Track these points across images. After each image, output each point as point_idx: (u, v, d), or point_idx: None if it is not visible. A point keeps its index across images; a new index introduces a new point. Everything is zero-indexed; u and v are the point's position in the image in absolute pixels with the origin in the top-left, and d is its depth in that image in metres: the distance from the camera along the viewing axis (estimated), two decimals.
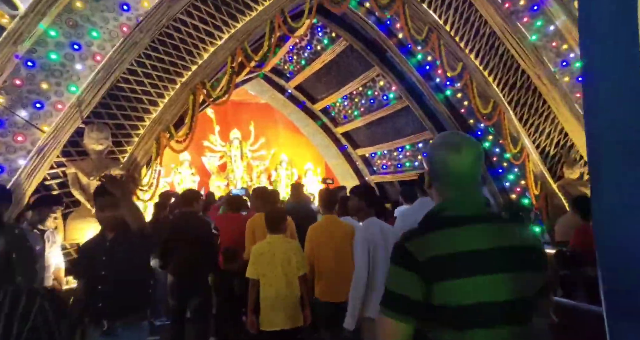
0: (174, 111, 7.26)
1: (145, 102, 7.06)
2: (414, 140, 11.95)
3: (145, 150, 7.09)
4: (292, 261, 4.53)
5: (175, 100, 7.24)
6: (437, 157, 1.72)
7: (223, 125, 16.81)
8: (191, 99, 7.34)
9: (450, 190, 1.70)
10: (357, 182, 14.98)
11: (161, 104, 7.16)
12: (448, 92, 9.83)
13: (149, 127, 7.09)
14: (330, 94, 13.32)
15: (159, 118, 7.14)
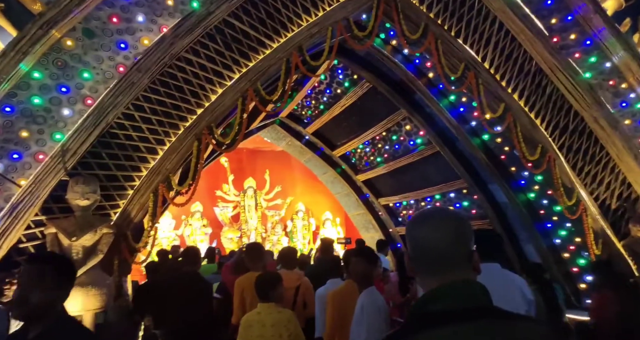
0: (176, 160, 6.30)
1: (142, 150, 6.12)
2: (445, 189, 10.87)
3: (141, 204, 6.10)
4: (284, 336, 4.02)
5: (178, 148, 6.30)
6: (412, 236, 1.52)
7: (237, 173, 16.16)
8: (196, 145, 6.39)
9: (432, 277, 1.45)
10: (380, 234, 13.91)
11: (161, 151, 6.22)
12: (486, 136, 8.80)
13: (145, 178, 6.12)
14: (351, 140, 12.38)
15: (157, 167, 6.18)
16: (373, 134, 11.59)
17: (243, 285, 5.05)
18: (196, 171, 6.43)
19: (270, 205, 16.55)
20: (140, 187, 6.08)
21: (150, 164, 6.17)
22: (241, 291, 5.04)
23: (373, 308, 3.80)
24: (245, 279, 5.06)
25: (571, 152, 7.35)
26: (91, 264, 5.26)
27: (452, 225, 1.48)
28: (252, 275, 4.84)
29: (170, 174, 6.26)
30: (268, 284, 4.22)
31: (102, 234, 5.44)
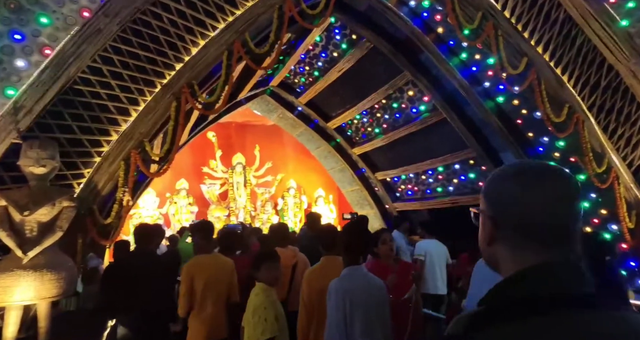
0: (151, 122, 5.39)
1: (112, 111, 5.19)
2: (450, 160, 10.04)
3: (111, 174, 5.18)
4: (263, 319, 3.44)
5: (153, 109, 5.38)
6: (512, 196, 1.11)
7: (225, 149, 15.17)
8: (174, 106, 5.45)
9: (535, 251, 1.10)
10: (376, 211, 13.12)
11: (134, 113, 5.29)
12: (500, 98, 7.92)
13: (116, 143, 5.20)
14: (347, 110, 11.47)
15: (130, 131, 5.27)
16: (372, 102, 10.68)
17: (192, 272, 4.39)
18: (175, 136, 5.50)
19: (260, 183, 15.64)
20: (110, 154, 5.19)
21: (122, 127, 5.26)
22: (190, 279, 4.36)
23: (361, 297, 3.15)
24: (195, 265, 4.44)
25: (602, 112, 6.53)
26: (48, 242, 4.35)
27: (576, 187, 1.12)
28: (203, 259, 4.46)
29: (144, 139, 5.33)
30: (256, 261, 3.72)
31: (61, 207, 4.51)
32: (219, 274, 4.41)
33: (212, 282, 4.32)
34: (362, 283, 3.22)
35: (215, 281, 4.35)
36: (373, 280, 3.31)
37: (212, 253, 4.64)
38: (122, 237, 12.50)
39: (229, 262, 4.57)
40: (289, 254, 5.03)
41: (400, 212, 12.54)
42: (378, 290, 3.26)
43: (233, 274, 4.51)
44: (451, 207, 10.56)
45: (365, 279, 3.27)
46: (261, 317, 3.40)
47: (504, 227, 1.15)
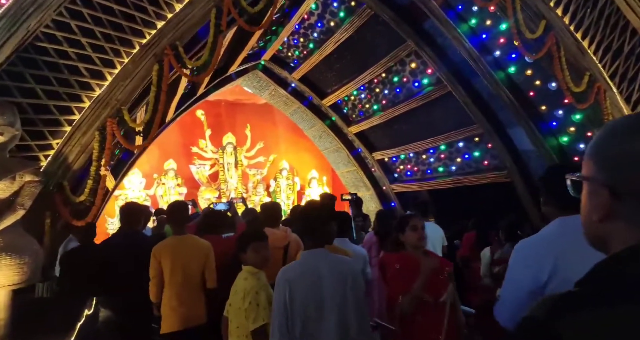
0: (130, 88, 4.77)
1: (83, 74, 4.55)
2: (453, 138, 9.48)
3: (83, 145, 4.56)
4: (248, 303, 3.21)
5: (132, 72, 4.76)
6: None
7: (215, 128, 14.57)
8: (156, 70, 4.81)
9: None
10: (372, 193, 12.59)
11: (109, 76, 4.67)
12: (512, 68, 7.34)
13: (89, 110, 4.57)
14: (344, 85, 10.85)
15: (105, 97, 4.65)
16: (370, 76, 10.06)
17: (159, 255, 4.15)
18: (157, 104, 4.87)
19: (252, 163, 15.04)
20: (82, 122, 4.55)
21: (96, 93, 4.64)
22: (157, 262, 4.14)
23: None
24: (162, 247, 4.20)
25: (625, 81, 6.00)
26: (7, 222, 3.77)
27: None
28: (171, 240, 4.24)
29: (122, 107, 4.71)
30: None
31: (23, 182, 3.91)
32: (188, 256, 4.14)
33: (179, 266, 4.08)
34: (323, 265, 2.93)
35: (184, 265, 4.10)
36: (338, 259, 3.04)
37: (184, 234, 4.31)
38: (107, 219, 12.10)
39: (203, 244, 4.29)
40: (281, 234, 4.76)
41: (398, 193, 12.04)
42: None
43: (208, 257, 4.23)
44: (453, 187, 10.03)
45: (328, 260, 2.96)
46: (252, 302, 3.13)
47: (627, 197, 0.94)
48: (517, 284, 2.20)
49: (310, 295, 2.83)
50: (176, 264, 4.09)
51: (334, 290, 2.86)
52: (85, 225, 4.75)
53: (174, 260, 4.09)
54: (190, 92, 9.85)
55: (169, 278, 4.08)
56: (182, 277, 4.09)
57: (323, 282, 2.87)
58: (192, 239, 4.32)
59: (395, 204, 12.18)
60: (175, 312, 4.04)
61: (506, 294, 2.26)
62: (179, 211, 4.42)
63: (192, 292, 4.11)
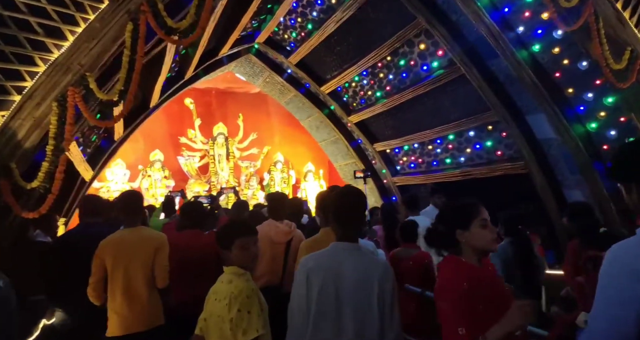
0: (97, 50, 3.92)
1: (36, 31, 3.71)
2: (463, 126, 8.71)
3: (37, 118, 3.74)
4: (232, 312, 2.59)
5: (99, 31, 3.90)
6: None
7: (205, 117, 13.88)
8: (130, 29, 3.99)
9: None
10: (372, 185, 11.83)
11: (70, 35, 3.82)
12: (536, 46, 6.56)
13: (44, 77, 3.74)
14: (345, 70, 10.06)
15: (65, 61, 3.82)
16: (374, 59, 9.27)
17: (101, 251, 3.69)
18: (131, 71, 4.04)
19: (244, 156, 14.31)
20: (35, 91, 3.72)
21: (53, 55, 3.81)
22: (99, 258, 3.68)
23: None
24: (106, 242, 3.73)
25: None
26: None
27: None
28: (116, 234, 3.78)
29: (87, 74, 3.88)
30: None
31: None
32: (133, 251, 3.68)
33: (122, 263, 3.63)
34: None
35: (128, 261, 3.65)
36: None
37: (134, 227, 3.83)
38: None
39: (154, 236, 3.84)
40: (284, 229, 4.44)
41: (400, 186, 11.28)
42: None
43: (159, 252, 3.76)
44: (462, 180, 9.26)
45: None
46: (242, 310, 2.56)
47: None
48: (622, 308, 1.46)
49: (326, 291, 2.43)
50: (118, 260, 3.63)
51: (355, 293, 2.42)
52: (40, 218, 3.98)
53: (116, 257, 3.63)
54: (177, 75, 9.04)
55: (111, 277, 3.64)
56: (124, 275, 3.63)
57: (344, 280, 2.45)
58: (140, 231, 3.82)
59: (397, 198, 11.44)
60: (117, 315, 3.61)
61: (602, 324, 1.54)
62: (129, 201, 3.91)
63: (137, 292, 3.64)
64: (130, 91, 4.03)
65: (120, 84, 3.97)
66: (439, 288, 2.15)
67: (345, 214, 2.63)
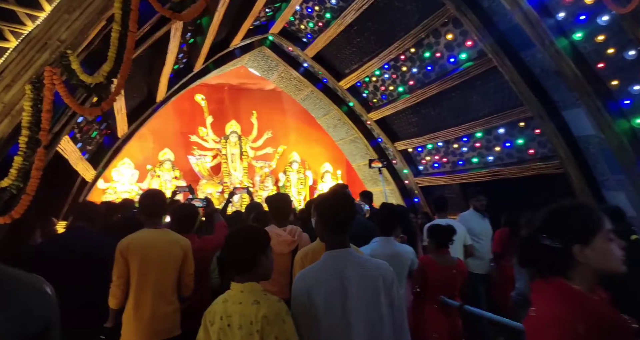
0: (80, 24, 3.36)
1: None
2: (494, 123, 8.04)
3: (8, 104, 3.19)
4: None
5: (83, 2, 3.34)
6: None
7: (217, 115, 13.34)
8: (120, 0, 3.42)
9: None
10: (393, 187, 11.31)
11: (48, 6, 3.25)
12: (578, 34, 5.89)
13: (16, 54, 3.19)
14: (365, 63, 9.45)
15: (42, 35, 3.25)
16: (397, 51, 8.64)
17: (126, 251, 3.40)
18: (122, 49, 3.47)
19: (259, 155, 13.73)
20: (4, 70, 3.16)
21: (27, 28, 3.25)
22: (124, 259, 3.39)
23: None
24: (130, 241, 3.44)
25: None
26: None
27: None
28: (142, 234, 3.50)
29: (68, 51, 3.32)
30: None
31: None
32: (163, 255, 3.44)
33: (152, 267, 3.38)
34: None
35: (158, 265, 3.40)
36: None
37: (159, 228, 3.59)
38: None
39: (182, 241, 3.59)
40: (286, 238, 4.02)
41: (423, 188, 10.64)
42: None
43: (187, 258, 3.55)
44: (490, 180, 8.60)
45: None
46: (280, 338, 2.19)
47: None
48: None
49: (332, 306, 2.27)
50: (147, 263, 3.37)
51: (362, 303, 2.29)
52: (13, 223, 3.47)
53: (145, 259, 3.37)
54: (186, 67, 8.52)
55: (137, 281, 3.36)
56: (154, 281, 3.39)
57: (349, 291, 2.29)
58: (169, 234, 3.59)
59: (419, 200, 10.82)
60: (140, 323, 3.32)
61: None
62: (152, 200, 3.64)
63: (164, 299, 3.42)
64: (121, 73, 3.46)
65: (108, 64, 3.41)
66: (537, 323, 1.52)
67: (332, 220, 2.45)
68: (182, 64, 8.25)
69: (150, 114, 8.50)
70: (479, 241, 6.28)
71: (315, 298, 2.29)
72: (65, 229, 4.04)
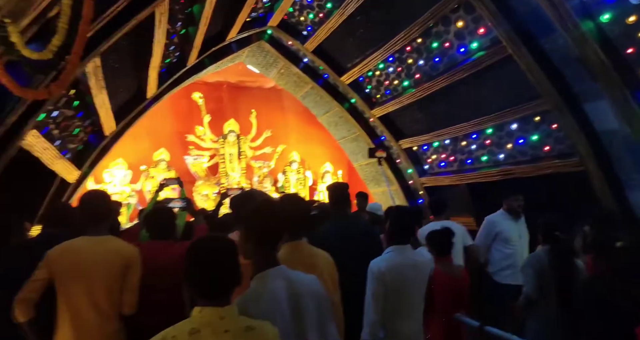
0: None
1: None
2: (507, 118, 7.54)
3: None
4: None
5: None
6: None
7: (215, 114, 12.96)
8: None
9: None
10: (397, 187, 10.86)
11: None
12: (605, 16, 5.39)
13: None
14: (368, 56, 8.97)
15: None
16: (403, 42, 8.14)
17: (53, 261, 2.98)
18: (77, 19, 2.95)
19: (257, 155, 13.37)
20: None
21: None
22: (48, 270, 2.96)
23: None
24: (62, 251, 3.03)
25: None
26: None
27: None
28: (74, 242, 3.07)
29: (6, 20, 2.81)
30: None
31: None
32: (95, 267, 2.99)
33: (79, 279, 2.95)
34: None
35: (87, 278, 2.97)
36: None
37: (101, 235, 3.17)
38: None
39: (124, 249, 3.18)
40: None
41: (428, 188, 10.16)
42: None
43: (130, 270, 3.11)
44: (502, 180, 8.10)
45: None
46: None
47: None
48: None
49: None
50: (74, 276, 2.94)
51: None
52: None
53: (71, 271, 2.94)
54: (179, 62, 8.03)
55: (65, 296, 2.95)
56: (87, 297, 2.95)
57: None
58: (109, 242, 3.16)
59: (424, 201, 10.34)
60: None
61: None
62: (93, 202, 3.23)
63: (102, 316, 2.99)
64: (74, 50, 2.94)
65: (58, 38, 2.88)
66: None
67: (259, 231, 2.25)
68: (174, 58, 7.77)
69: (142, 112, 8.01)
70: (511, 247, 5.85)
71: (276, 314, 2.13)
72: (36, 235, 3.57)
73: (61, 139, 5.49)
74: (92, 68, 4.72)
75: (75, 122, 5.76)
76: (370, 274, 3.18)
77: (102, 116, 6.01)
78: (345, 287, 3.24)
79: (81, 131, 6.19)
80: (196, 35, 6.92)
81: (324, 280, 2.87)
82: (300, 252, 2.88)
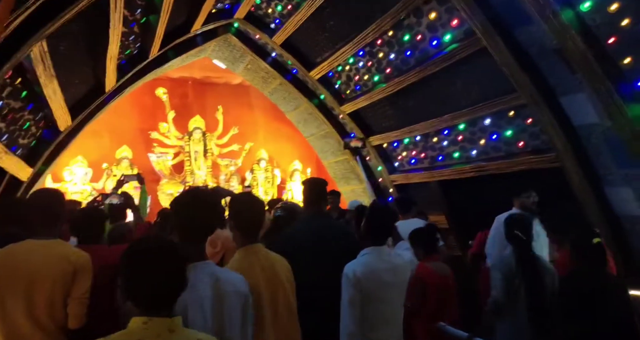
0: None
1: None
2: (480, 112, 7.37)
3: None
4: None
5: None
6: None
7: (180, 110, 12.56)
8: None
9: None
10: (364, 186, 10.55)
11: None
12: (586, 4, 5.23)
13: None
14: (338, 50, 8.71)
15: None
16: (373, 35, 7.91)
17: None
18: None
19: (224, 153, 13.05)
20: None
21: None
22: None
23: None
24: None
25: None
26: None
27: None
28: (21, 247, 2.75)
29: None
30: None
31: None
32: (39, 273, 2.69)
33: (22, 289, 2.65)
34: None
35: (23, 287, 2.66)
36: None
37: (48, 239, 2.84)
38: None
39: (72, 255, 2.86)
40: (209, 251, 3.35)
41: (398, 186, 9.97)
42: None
43: (77, 278, 2.80)
44: (475, 176, 7.95)
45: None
46: None
47: None
48: None
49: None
50: (9, 286, 2.63)
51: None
52: None
53: (12, 279, 2.64)
54: (140, 53, 7.62)
55: (4, 306, 2.63)
56: (26, 309, 2.63)
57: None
58: (56, 247, 2.84)
59: (393, 199, 10.14)
60: None
61: None
62: (42, 202, 2.94)
63: (42, 331, 2.68)
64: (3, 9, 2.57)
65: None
66: None
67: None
68: (135, 49, 7.36)
69: (101, 106, 7.57)
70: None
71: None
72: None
73: (8, 133, 5.05)
74: (38, 52, 4.34)
75: (24, 115, 5.34)
76: (345, 279, 2.89)
77: (54, 109, 5.59)
78: (320, 291, 2.96)
79: (32, 125, 5.75)
80: (158, 24, 6.53)
81: (285, 289, 2.65)
82: (255, 255, 2.60)
